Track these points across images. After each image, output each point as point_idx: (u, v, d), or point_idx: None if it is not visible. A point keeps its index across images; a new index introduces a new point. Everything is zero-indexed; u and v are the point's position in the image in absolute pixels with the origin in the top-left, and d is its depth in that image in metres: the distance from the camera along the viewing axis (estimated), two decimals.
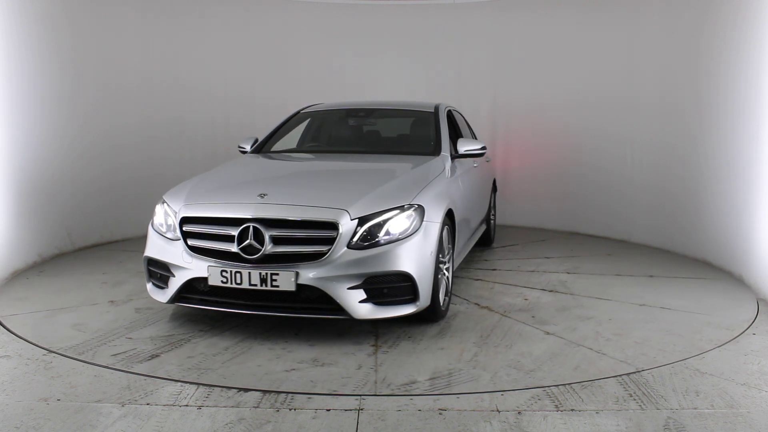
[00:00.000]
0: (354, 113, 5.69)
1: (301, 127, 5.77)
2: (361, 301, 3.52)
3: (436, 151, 4.78)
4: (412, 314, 3.70)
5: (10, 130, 5.31)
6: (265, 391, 3.00)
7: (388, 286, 3.57)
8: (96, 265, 5.64)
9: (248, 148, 5.22)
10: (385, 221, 3.61)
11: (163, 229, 3.89)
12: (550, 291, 4.86)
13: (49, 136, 5.88)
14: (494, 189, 6.85)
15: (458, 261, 4.86)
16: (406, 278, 3.58)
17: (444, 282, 4.08)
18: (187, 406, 2.85)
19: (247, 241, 3.52)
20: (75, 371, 3.23)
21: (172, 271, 3.77)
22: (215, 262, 3.61)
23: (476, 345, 3.67)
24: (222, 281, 3.56)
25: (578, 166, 7.53)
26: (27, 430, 2.62)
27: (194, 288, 3.73)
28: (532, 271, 5.50)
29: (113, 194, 6.66)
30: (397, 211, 3.66)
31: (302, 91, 7.71)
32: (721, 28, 5.59)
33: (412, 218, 3.68)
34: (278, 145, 5.38)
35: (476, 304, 4.51)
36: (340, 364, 3.36)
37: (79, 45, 6.26)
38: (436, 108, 5.35)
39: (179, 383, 3.09)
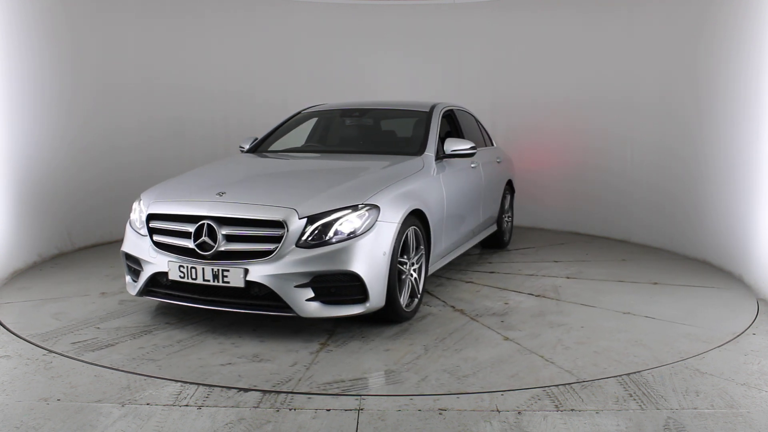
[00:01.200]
0: (350, 113, 5.71)
1: (305, 127, 5.79)
2: (308, 300, 3.57)
3: (419, 150, 4.76)
4: (362, 314, 3.69)
5: (10, 130, 5.31)
6: (265, 391, 3.00)
7: (336, 285, 3.60)
8: (109, 258, 5.82)
9: (247, 147, 5.31)
10: (335, 220, 3.63)
11: (138, 225, 4.06)
12: (537, 296, 4.74)
13: (49, 135, 5.88)
14: (511, 190, 6.74)
15: (442, 263, 4.78)
16: (355, 278, 3.58)
17: (409, 283, 4.04)
18: (187, 406, 2.85)
19: (202, 238, 3.65)
20: (75, 371, 3.23)
21: (142, 265, 3.94)
22: (175, 257, 3.76)
23: (425, 348, 3.61)
24: (180, 276, 3.72)
25: (578, 166, 7.52)
26: (27, 430, 2.62)
27: (159, 282, 3.89)
28: (531, 275, 5.41)
29: (113, 194, 6.66)
30: (348, 211, 3.67)
31: (302, 91, 7.72)
32: (720, 27, 5.59)
33: (364, 218, 3.67)
34: (279, 145, 5.41)
35: (452, 306, 4.45)
36: (277, 361, 3.39)
37: (78, 45, 6.26)
38: (432, 108, 5.31)
39: (179, 383, 3.09)
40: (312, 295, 3.57)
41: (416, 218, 4.10)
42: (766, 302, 4.62)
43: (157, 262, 3.81)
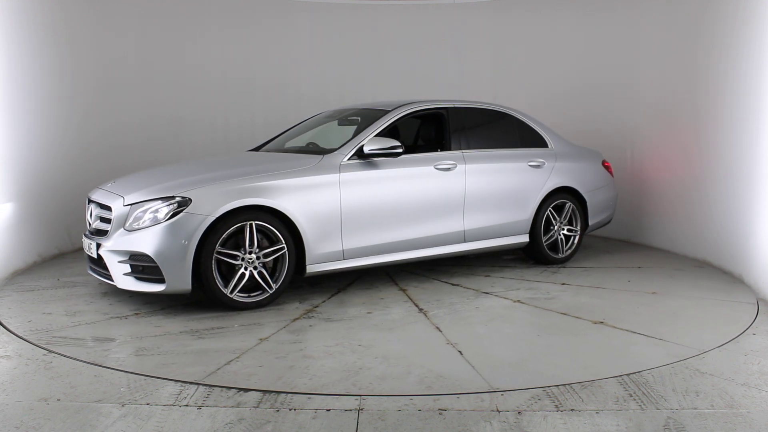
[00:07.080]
0: (334, 116, 5.79)
1: (320, 129, 5.82)
2: (125, 274, 4.18)
3: (329, 150, 4.77)
4: (162, 293, 4.13)
5: (9, 130, 5.31)
6: (265, 391, 3.01)
7: (143, 265, 4.13)
8: None
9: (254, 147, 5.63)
10: (148, 209, 4.17)
11: None
12: (421, 311, 4.31)
13: (49, 135, 5.89)
14: (578, 200, 5.87)
15: (353, 263, 4.61)
16: (151, 260, 4.08)
17: (243, 275, 4.23)
18: (187, 406, 2.85)
19: (87, 217, 4.57)
20: (75, 371, 3.23)
21: None
22: (87, 232, 4.62)
23: (188, 332, 3.86)
24: (84, 247, 4.60)
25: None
26: (27, 430, 2.62)
27: None
28: (486, 293, 4.76)
29: None
30: (159, 202, 4.17)
31: (302, 91, 7.73)
32: (720, 26, 5.58)
33: (171, 208, 4.12)
34: (288, 144, 5.58)
35: (311, 305, 4.43)
36: (81, 318, 4.09)
37: (77, 43, 6.26)
38: (395, 108, 5.14)
39: (179, 383, 3.09)
40: (129, 270, 4.17)
41: (271, 215, 4.30)
42: (766, 302, 4.62)
43: None
